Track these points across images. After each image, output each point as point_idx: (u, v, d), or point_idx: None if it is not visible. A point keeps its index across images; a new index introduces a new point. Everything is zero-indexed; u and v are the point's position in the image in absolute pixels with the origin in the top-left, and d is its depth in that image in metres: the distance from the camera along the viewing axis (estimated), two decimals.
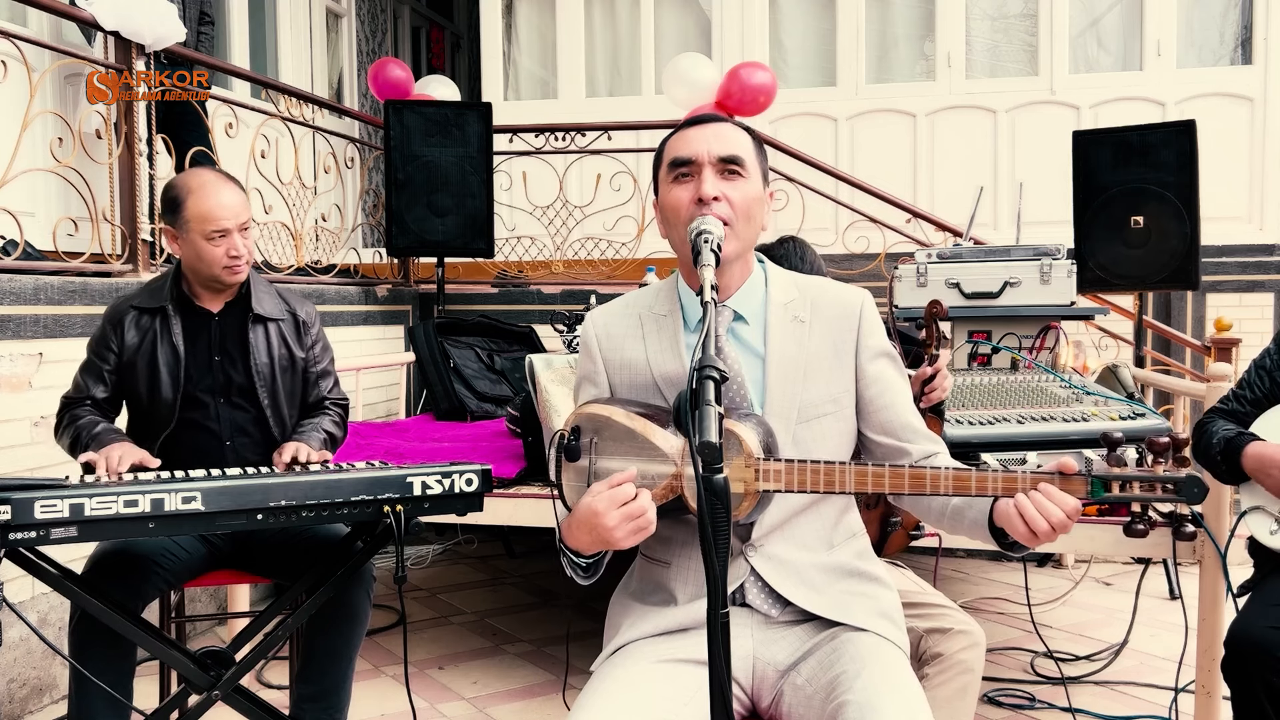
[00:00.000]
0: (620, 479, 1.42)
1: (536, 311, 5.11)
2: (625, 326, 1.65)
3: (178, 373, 2.38)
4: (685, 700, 1.47)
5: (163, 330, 2.40)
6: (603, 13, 6.85)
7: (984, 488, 1.41)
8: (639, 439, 1.48)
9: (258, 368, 2.45)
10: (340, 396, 2.65)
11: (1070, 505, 1.37)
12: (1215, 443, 2.23)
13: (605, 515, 1.39)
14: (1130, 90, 6.01)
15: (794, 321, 1.60)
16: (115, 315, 2.42)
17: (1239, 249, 5.39)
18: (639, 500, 1.40)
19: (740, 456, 1.40)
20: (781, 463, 1.41)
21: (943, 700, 1.88)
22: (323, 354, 2.61)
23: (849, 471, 1.42)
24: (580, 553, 1.50)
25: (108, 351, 2.41)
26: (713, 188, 1.52)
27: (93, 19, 3.53)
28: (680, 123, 1.63)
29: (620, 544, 1.41)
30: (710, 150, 1.54)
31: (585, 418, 1.53)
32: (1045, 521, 1.36)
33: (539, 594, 4.30)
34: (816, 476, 1.42)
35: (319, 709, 2.34)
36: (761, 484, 1.41)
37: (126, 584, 2.17)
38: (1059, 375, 3.01)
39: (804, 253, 2.44)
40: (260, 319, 2.47)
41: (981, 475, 1.41)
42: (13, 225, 3.22)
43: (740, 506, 1.41)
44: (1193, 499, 1.36)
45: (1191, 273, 3.57)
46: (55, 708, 3.02)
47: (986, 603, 4.04)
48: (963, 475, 1.41)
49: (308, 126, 4.78)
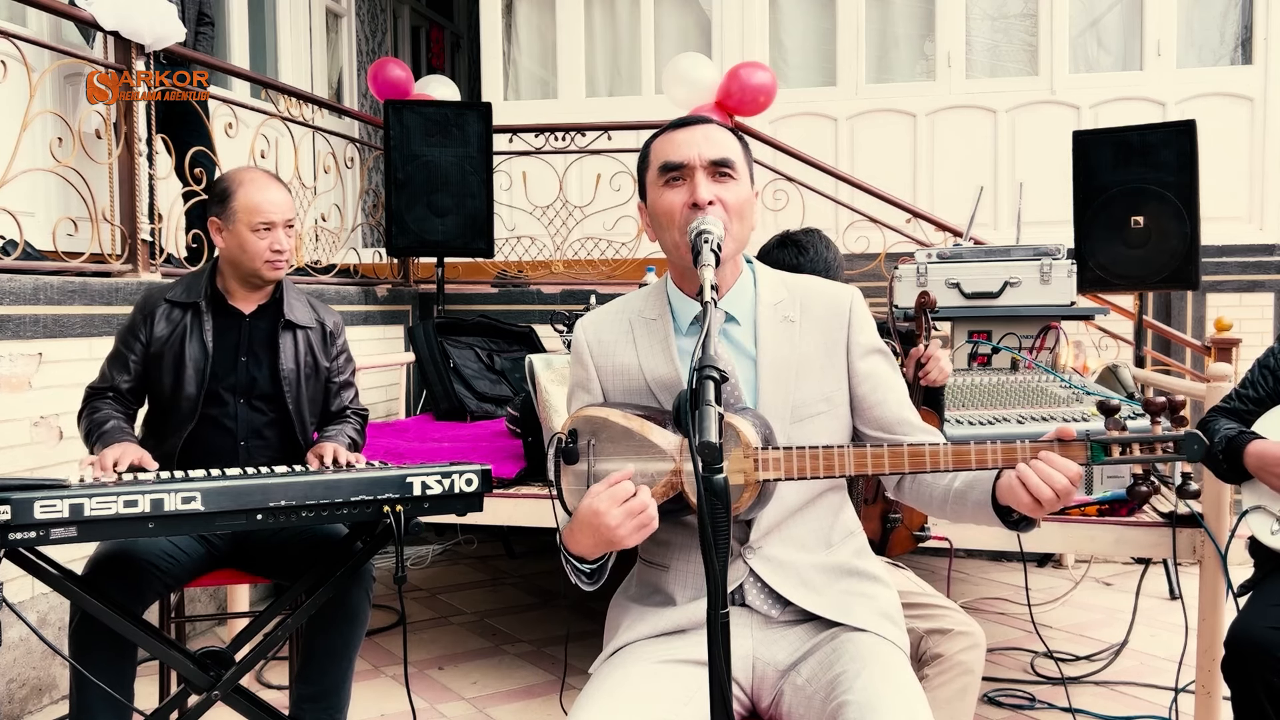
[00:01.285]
0: (618, 477, 1.42)
1: (536, 311, 5.11)
2: (616, 332, 1.65)
3: (204, 368, 2.40)
4: (685, 700, 1.46)
5: (194, 325, 2.42)
6: (603, 13, 6.85)
7: (984, 460, 1.40)
8: (636, 438, 1.48)
9: (284, 373, 2.46)
10: (361, 408, 2.69)
11: (1073, 470, 1.37)
12: (1217, 441, 2.23)
13: (607, 514, 1.39)
14: (1130, 90, 6.01)
15: (784, 322, 1.60)
16: (147, 306, 2.44)
17: (1239, 249, 5.38)
18: (639, 496, 1.40)
19: (739, 448, 1.40)
20: (780, 451, 1.41)
21: (943, 701, 1.88)
22: (346, 365, 2.64)
23: (848, 454, 1.42)
24: (584, 558, 1.49)
25: (135, 341, 2.42)
26: (707, 191, 1.51)
27: (92, 19, 3.53)
28: (664, 125, 1.62)
29: (624, 542, 1.41)
30: (701, 154, 1.53)
31: (582, 420, 1.53)
32: (1049, 488, 1.36)
33: (539, 594, 4.30)
34: (816, 462, 1.41)
35: (319, 709, 2.34)
36: (761, 474, 1.41)
37: (125, 586, 2.17)
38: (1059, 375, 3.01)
39: (828, 244, 2.44)
40: (291, 325, 2.49)
41: (981, 448, 1.40)
42: (12, 225, 3.22)
43: (741, 499, 1.41)
44: (1193, 456, 1.35)
45: (1191, 273, 3.57)
46: (55, 708, 3.02)
47: (986, 603, 4.04)
48: (962, 450, 1.40)
49: (307, 126, 4.78)
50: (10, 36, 3.29)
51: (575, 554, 1.50)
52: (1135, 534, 2.62)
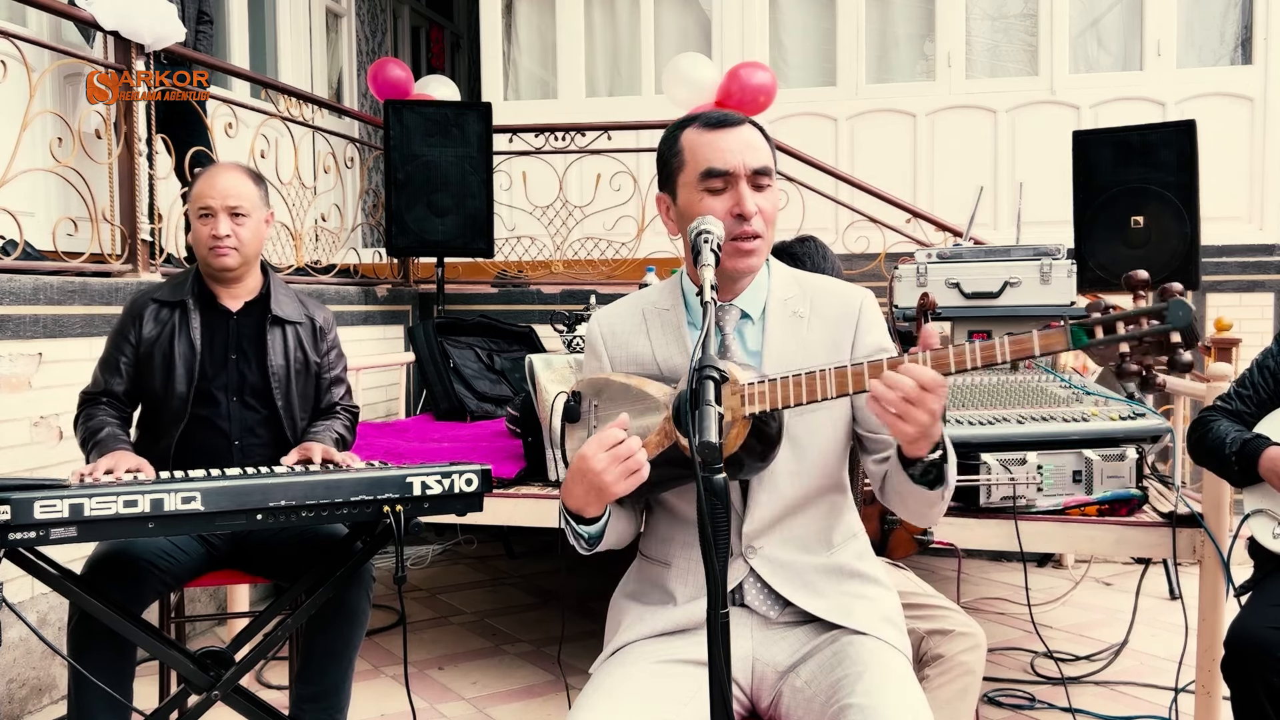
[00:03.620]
0: (609, 426, 1.43)
1: (536, 311, 5.11)
2: (630, 324, 1.66)
3: (193, 367, 2.40)
4: (685, 701, 1.47)
5: (181, 324, 2.42)
6: (603, 13, 6.85)
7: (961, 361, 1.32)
8: (633, 391, 1.51)
9: (273, 369, 2.46)
10: (352, 404, 2.67)
11: (921, 374, 1.30)
12: (1229, 443, 2.21)
13: (593, 458, 1.40)
14: (1130, 90, 6.00)
15: (793, 316, 1.60)
16: (135, 308, 2.44)
17: (1239, 249, 5.38)
18: (627, 443, 1.40)
19: (727, 385, 1.39)
20: (765, 382, 1.40)
21: (943, 701, 1.88)
22: (337, 360, 2.62)
23: (829, 375, 1.38)
24: (581, 513, 1.49)
25: (125, 343, 2.42)
26: (752, 204, 1.51)
27: (92, 19, 3.53)
28: (699, 116, 1.58)
29: (612, 488, 1.40)
30: (746, 163, 1.52)
31: (586, 384, 1.57)
32: (893, 393, 1.31)
33: (539, 594, 4.30)
34: (800, 388, 1.39)
35: (319, 709, 2.34)
36: (748, 407, 1.40)
37: (125, 586, 2.17)
38: (1059, 375, 3.00)
39: (825, 252, 2.44)
40: (279, 321, 2.49)
41: (959, 348, 1.32)
42: (12, 225, 3.22)
43: (730, 436, 1.40)
44: (1179, 321, 1.26)
45: (1191, 273, 3.56)
46: (55, 708, 3.01)
47: (986, 603, 4.04)
48: (940, 354, 1.33)
49: (307, 126, 4.78)
50: (10, 36, 3.29)
51: (572, 509, 1.50)
52: (1135, 534, 2.62)
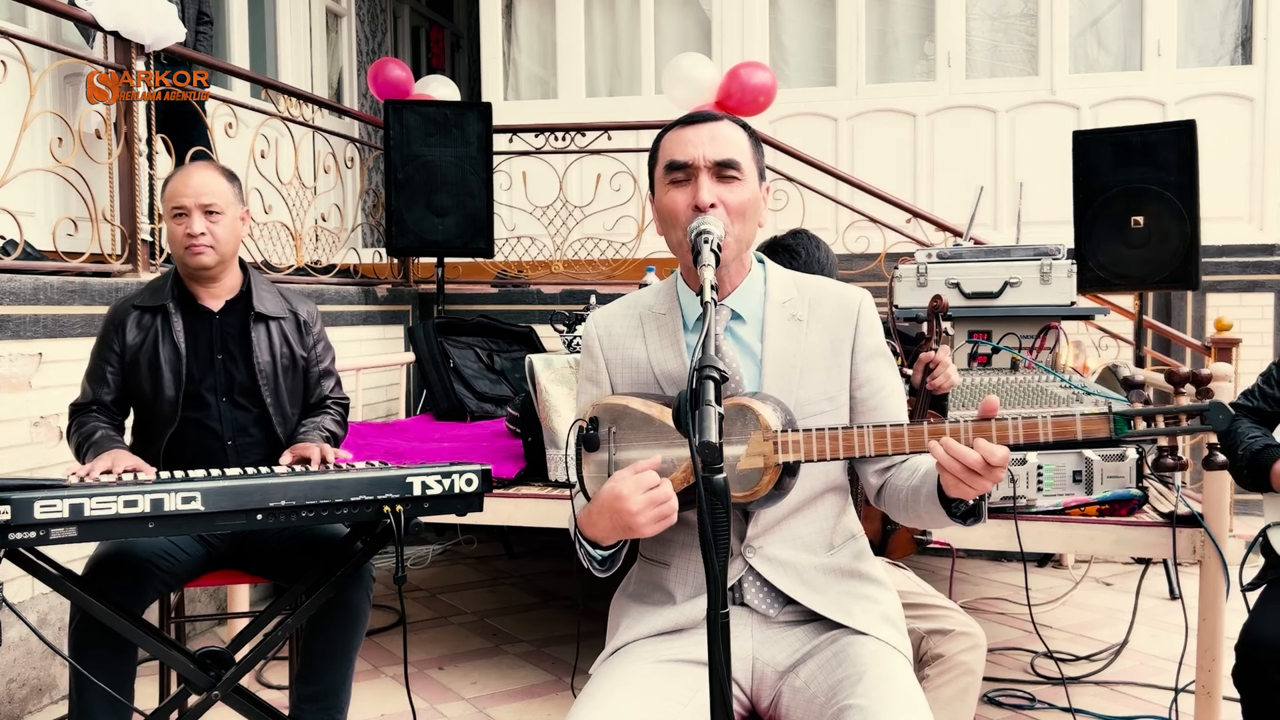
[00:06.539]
0: (644, 465, 1.43)
1: (536, 311, 5.11)
2: (626, 326, 1.65)
3: (179, 370, 2.39)
4: (685, 701, 1.46)
5: (164, 328, 2.40)
6: (603, 13, 6.85)
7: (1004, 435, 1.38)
8: (656, 424, 1.49)
9: (260, 366, 2.44)
10: (341, 396, 2.65)
11: (991, 451, 1.34)
12: (1240, 452, 2.20)
13: (630, 499, 1.40)
14: (1130, 90, 6.00)
15: (791, 320, 1.60)
16: (117, 316, 2.42)
17: (1239, 249, 5.39)
18: (663, 488, 1.41)
19: (758, 431, 1.40)
20: (800, 433, 1.41)
21: (943, 701, 1.88)
22: (324, 353, 2.61)
23: (867, 434, 1.41)
24: (599, 543, 1.50)
25: (110, 352, 2.41)
26: (709, 194, 1.51)
27: (92, 19, 3.53)
28: (674, 121, 1.61)
29: (641, 530, 1.41)
30: (706, 155, 1.53)
31: (603, 409, 1.55)
32: (957, 464, 1.35)
33: (539, 594, 4.30)
34: (835, 443, 1.41)
35: (319, 709, 2.34)
36: (781, 456, 1.41)
37: (125, 586, 2.17)
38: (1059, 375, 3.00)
39: (818, 242, 2.44)
40: (262, 317, 2.47)
41: (1001, 423, 1.39)
42: (12, 225, 3.21)
43: (760, 483, 1.42)
44: (1218, 425, 1.32)
45: (1191, 273, 3.57)
46: (55, 708, 3.01)
47: (986, 603, 4.04)
48: (982, 426, 1.39)
49: (307, 126, 4.78)
50: (10, 36, 3.29)
51: (590, 538, 1.50)
52: (1135, 534, 2.62)
